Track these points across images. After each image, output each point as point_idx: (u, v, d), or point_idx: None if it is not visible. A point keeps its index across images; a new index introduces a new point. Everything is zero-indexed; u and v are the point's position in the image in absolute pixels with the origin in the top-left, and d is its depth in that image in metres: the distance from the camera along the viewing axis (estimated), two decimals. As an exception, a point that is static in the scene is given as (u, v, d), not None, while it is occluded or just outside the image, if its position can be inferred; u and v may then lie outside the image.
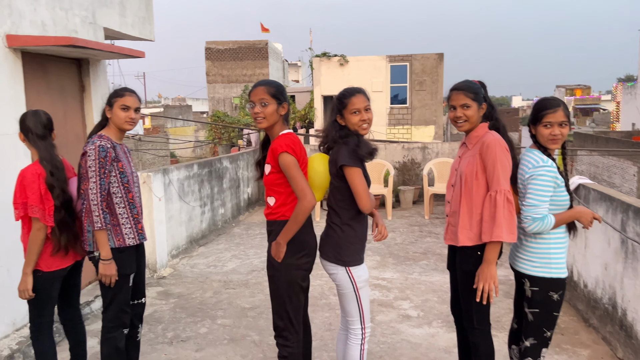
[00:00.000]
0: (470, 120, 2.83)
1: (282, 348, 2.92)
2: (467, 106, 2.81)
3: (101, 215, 2.89)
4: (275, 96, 2.83)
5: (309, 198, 2.70)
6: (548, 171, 2.65)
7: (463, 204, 2.84)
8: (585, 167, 21.32)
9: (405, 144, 10.69)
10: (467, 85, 2.84)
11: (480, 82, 2.91)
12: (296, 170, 2.73)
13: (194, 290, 5.52)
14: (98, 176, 2.90)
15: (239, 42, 29.75)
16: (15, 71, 4.04)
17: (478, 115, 2.84)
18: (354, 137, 2.83)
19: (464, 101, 2.82)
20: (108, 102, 3.06)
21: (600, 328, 4.18)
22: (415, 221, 8.65)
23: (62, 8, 4.54)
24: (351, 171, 2.77)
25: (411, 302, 5.02)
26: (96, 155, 2.89)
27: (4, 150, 3.93)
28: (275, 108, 2.83)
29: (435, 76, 18.27)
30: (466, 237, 2.82)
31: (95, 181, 2.89)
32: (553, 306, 2.74)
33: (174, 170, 6.73)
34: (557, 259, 2.73)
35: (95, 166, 2.89)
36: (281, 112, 2.87)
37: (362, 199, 2.77)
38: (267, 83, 2.87)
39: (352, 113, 2.82)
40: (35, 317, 3.09)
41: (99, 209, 2.89)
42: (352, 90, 2.87)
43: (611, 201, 4.03)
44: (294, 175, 2.72)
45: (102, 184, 2.91)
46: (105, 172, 2.93)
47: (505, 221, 2.65)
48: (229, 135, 20.79)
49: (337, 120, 2.88)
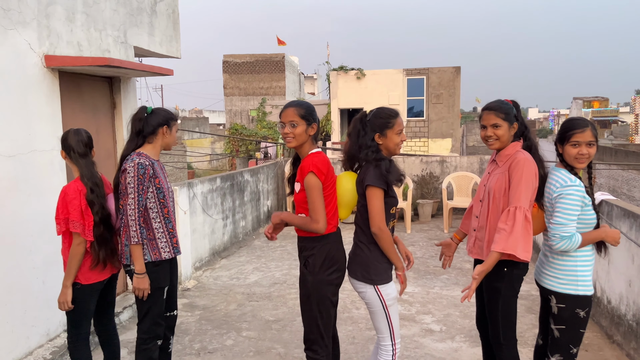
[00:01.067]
0: (501, 140, 2.91)
1: None
2: (498, 126, 2.89)
3: (138, 231, 3.01)
4: (304, 117, 2.92)
5: (320, 225, 2.85)
6: (577, 190, 2.70)
7: (491, 220, 2.91)
8: (605, 180, 21.12)
9: (423, 158, 10.74)
10: (498, 105, 2.92)
11: (514, 101, 2.98)
12: (317, 193, 2.84)
13: (218, 302, 5.62)
14: (136, 192, 3.02)
15: (255, 55, 30.15)
16: (52, 90, 4.21)
17: (509, 135, 2.91)
18: (386, 161, 2.90)
19: (494, 121, 2.90)
20: (167, 123, 3.19)
21: (625, 344, 4.19)
22: (435, 235, 8.68)
23: (97, 29, 4.73)
24: (373, 191, 2.84)
25: (433, 317, 5.06)
26: (135, 172, 3.02)
27: (42, 167, 4.08)
28: (305, 129, 2.93)
29: (452, 89, 18.33)
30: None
31: (133, 197, 3.01)
32: (579, 323, 2.78)
33: (198, 183, 6.87)
34: (583, 276, 2.77)
35: (134, 183, 3.01)
36: (310, 133, 2.96)
37: (374, 219, 2.84)
38: (297, 104, 2.97)
39: (397, 133, 2.94)
40: (74, 328, 3.21)
41: (136, 225, 3.01)
42: (396, 112, 2.99)
43: (635, 217, 4.05)
44: (314, 199, 2.85)
45: (139, 200, 3.03)
46: (144, 188, 3.05)
47: (522, 238, 2.71)
48: (247, 148, 21.00)
49: (375, 139, 2.95)
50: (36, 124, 4.04)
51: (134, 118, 3.18)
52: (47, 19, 4.13)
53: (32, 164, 4.00)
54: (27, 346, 3.96)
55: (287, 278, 6.41)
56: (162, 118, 3.19)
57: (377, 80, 18.63)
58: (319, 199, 2.85)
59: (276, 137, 19.49)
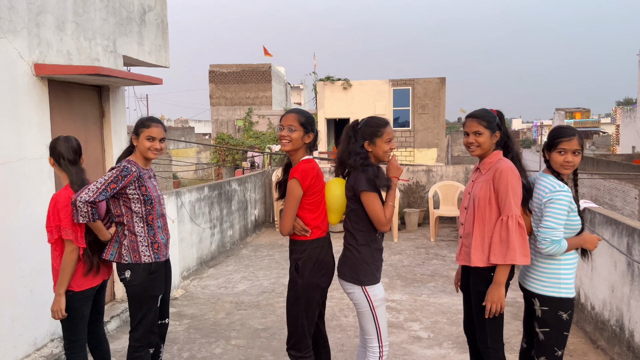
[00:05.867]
0: (482, 147, 2.99)
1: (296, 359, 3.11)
2: (479, 133, 2.98)
3: (89, 212, 2.98)
4: (303, 125, 3.07)
5: (284, 231, 3.04)
6: (565, 196, 2.80)
7: (476, 227, 2.98)
8: (587, 189, 21.46)
9: (409, 167, 10.85)
10: (481, 114, 3.01)
11: (499, 111, 3.07)
12: (293, 200, 3.01)
13: (207, 311, 5.61)
14: (105, 185, 3.00)
15: (242, 65, 30.19)
16: (42, 99, 4.21)
17: (490, 142, 2.99)
18: (374, 167, 3.00)
19: (476, 128, 2.99)
20: (135, 131, 3.22)
21: (609, 349, 4.27)
22: (421, 243, 8.76)
23: (86, 38, 4.74)
24: (369, 196, 2.94)
25: (421, 324, 5.11)
26: (117, 171, 3.05)
27: (30, 175, 4.07)
28: (301, 135, 3.07)
29: (437, 100, 18.55)
30: (479, 258, 2.95)
31: (98, 187, 2.99)
32: (563, 325, 2.85)
33: (186, 192, 6.87)
34: (566, 280, 2.85)
35: (109, 177, 3.02)
36: (306, 140, 3.10)
37: (379, 218, 2.95)
38: (299, 112, 3.13)
39: (386, 142, 3.03)
40: (70, 335, 3.20)
41: (87, 206, 2.96)
42: (386, 122, 3.09)
43: (617, 225, 4.15)
44: (288, 204, 3.03)
45: (102, 193, 3.00)
46: (115, 188, 3.03)
47: (519, 245, 2.79)
48: (233, 157, 20.97)
49: (365, 147, 3.04)
50: (25, 132, 4.03)
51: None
52: (38, 28, 4.14)
53: (22, 171, 3.98)
54: (15, 356, 3.92)
55: (276, 287, 6.42)
56: (135, 127, 3.24)
57: (363, 90, 18.80)
58: (292, 205, 3.01)
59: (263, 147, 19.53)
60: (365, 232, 3.02)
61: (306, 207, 3.05)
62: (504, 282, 2.86)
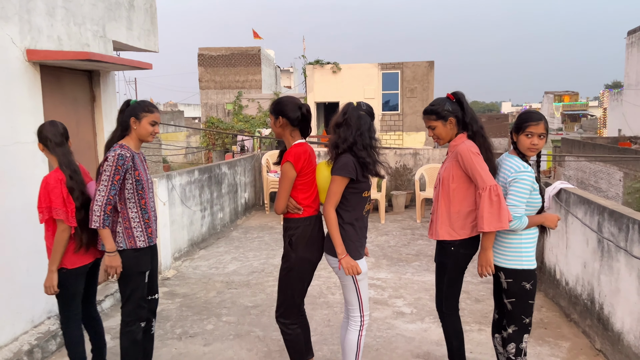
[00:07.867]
0: (442, 137, 3.25)
1: (286, 327, 3.36)
2: (433, 127, 3.24)
3: (102, 217, 3.13)
4: (272, 112, 3.35)
5: (278, 209, 3.25)
6: (528, 176, 3.01)
7: (441, 203, 3.23)
8: (573, 172, 21.78)
9: (397, 150, 11.02)
10: (429, 109, 3.25)
11: (456, 93, 3.23)
12: (286, 182, 3.21)
13: (198, 290, 5.79)
14: (110, 181, 3.15)
15: (231, 48, 30.03)
16: (34, 84, 4.30)
17: (447, 130, 3.22)
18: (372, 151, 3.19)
19: (429, 124, 3.27)
20: (135, 114, 3.31)
21: (581, 322, 4.51)
22: (408, 225, 8.97)
23: (76, 23, 4.82)
24: (333, 178, 3.12)
25: (405, 300, 5.32)
26: (114, 162, 3.16)
27: (24, 159, 4.18)
28: (273, 122, 3.35)
29: (425, 83, 18.68)
30: (445, 232, 3.22)
31: (106, 185, 3.14)
32: (527, 295, 3.09)
33: (177, 175, 7.00)
34: (527, 253, 3.09)
35: (110, 172, 3.15)
36: (277, 126, 3.32)
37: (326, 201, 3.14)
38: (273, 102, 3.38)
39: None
40: (64, 310, 3.37)
41: (101, 211, 3.12)
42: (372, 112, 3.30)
43: (589, 204, 4.36)
44: (282, 185, 3.22)
45: (112, 189, 3.15)
46: (120, 179, 3.18)
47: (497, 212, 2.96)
48: (223, 141, 21.03)
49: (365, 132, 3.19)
50: (19, 117, 4.13)
51: (119, 110, 3.35)
52: (29, 14, 4.21)
53: (16, 155, 4.10)
54: (13, 332, 4.08)
55: (265, 267, 6.61)
56: (133, 110, 3.32)
57: (352, 74, 18.87)
58: (286, 187, 3.21)
59: (252, 131, 19.59)
60: (350, 211, 3.20)
61: (299, 187, 3.26)
62: (490, 247, 3.08)
